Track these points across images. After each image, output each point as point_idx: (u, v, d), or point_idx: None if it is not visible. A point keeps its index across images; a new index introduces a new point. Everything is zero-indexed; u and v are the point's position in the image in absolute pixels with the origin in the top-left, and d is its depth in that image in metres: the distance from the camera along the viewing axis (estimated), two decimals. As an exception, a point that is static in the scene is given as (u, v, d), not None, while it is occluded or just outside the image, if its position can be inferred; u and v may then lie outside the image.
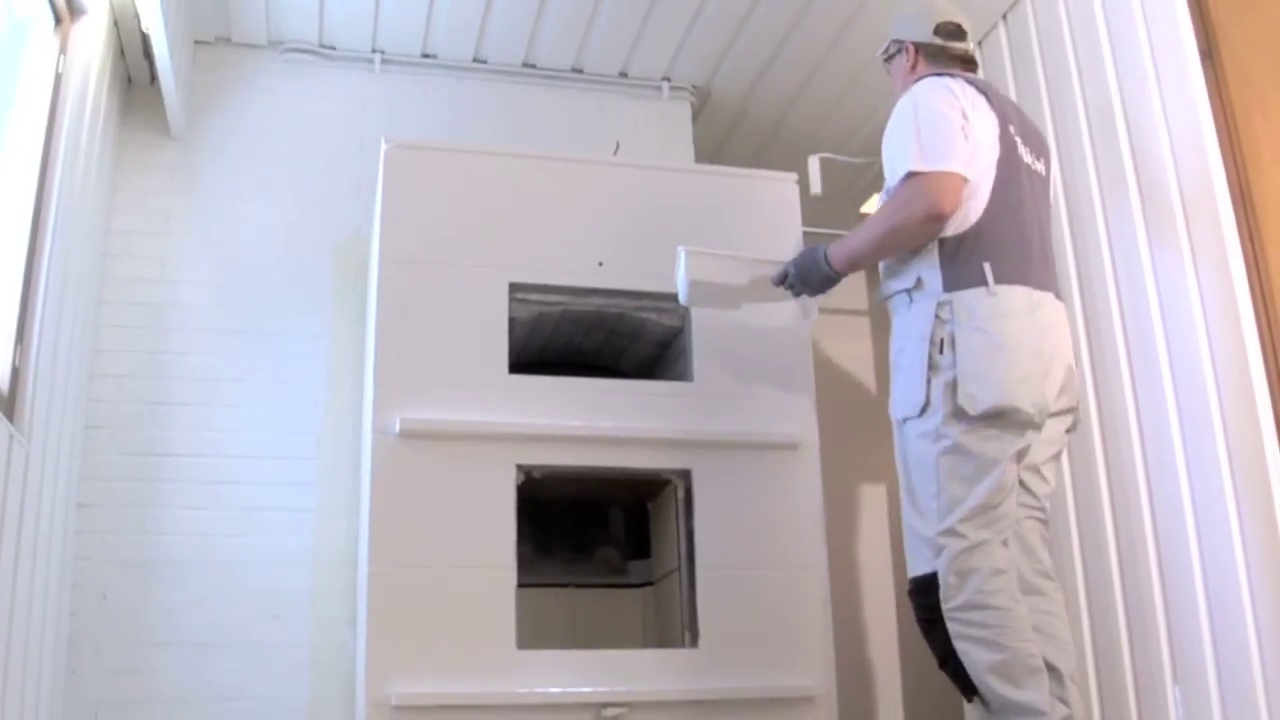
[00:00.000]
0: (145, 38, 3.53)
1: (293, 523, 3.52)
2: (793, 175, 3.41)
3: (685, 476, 3.05)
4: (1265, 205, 2.72)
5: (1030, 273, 2.42)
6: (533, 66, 4.24)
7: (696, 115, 4.43)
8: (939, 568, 2.31)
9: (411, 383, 2.91)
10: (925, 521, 2.37)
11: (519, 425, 2.92)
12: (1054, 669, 2.35)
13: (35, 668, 2.88)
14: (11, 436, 2.65)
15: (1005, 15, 3.76)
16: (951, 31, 2.68)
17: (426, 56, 4.16)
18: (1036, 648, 2.29)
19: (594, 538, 3.59)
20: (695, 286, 2.79)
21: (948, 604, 2.29)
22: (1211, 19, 2.90)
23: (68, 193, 3.10)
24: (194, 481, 3.50)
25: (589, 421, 2.98)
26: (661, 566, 3.33)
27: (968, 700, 2.35)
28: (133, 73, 3.85)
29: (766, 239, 3.16)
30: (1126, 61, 3.15)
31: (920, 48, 2.69)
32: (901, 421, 2.45)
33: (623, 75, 4.31)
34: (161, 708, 3.27)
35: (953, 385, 2.32)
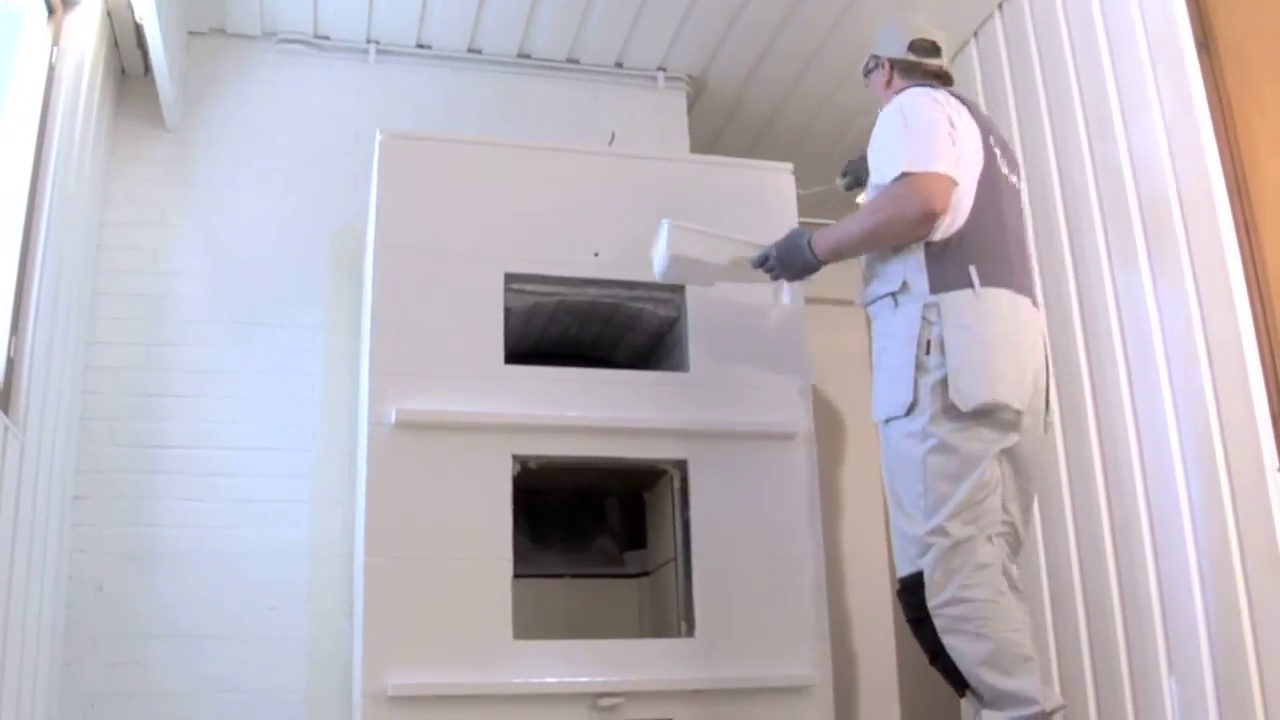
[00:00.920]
0: (139, 28, 3.52)
1: (289, 514, 3.52)
2: (788, 165, 3.41)
3: (681, 467, 3.05)
4: (1261, 197, 2.72)
5: (1011, 277, 2.48)
6: (528, 57, 4.23)
7: (692, 106, 4.42)
8: (925, 566, 2.35)
9: (407, 374, 2.91)
10: (912, 521, 2.40)
11: (515, 416, 2.92)
12: None
13: (31, 660, 2.88)
14: (6, 429, 2.65)
15: (1000, 5, 3.75)
16: (926, 48, 2.76)
17: (421, 47, 4.15)
18: (1025, 637, 2.32)
19: (590, 528, 3.59)
20: (676, 261, 2.78)
21: (932, 601, 2.34)
22: (1208, 10, 2.90)
23: (62, 185, 3.09)
24: (190, 473, 3.50)
25: (585, 412, 2.98)
26: (658, 557, 3.34)
27: (960, 695, 2.38)
28: (126, 64, 3.83)
29: (762, 229, 3.15)
30: (1122, 52, 3.15)
31: (896, 64, 2.77)
32: (885, 423, 2.48)
33: (618, 66, 4.30)
34: (158, 699, 3.28)
35: (942, 384, 2.36)
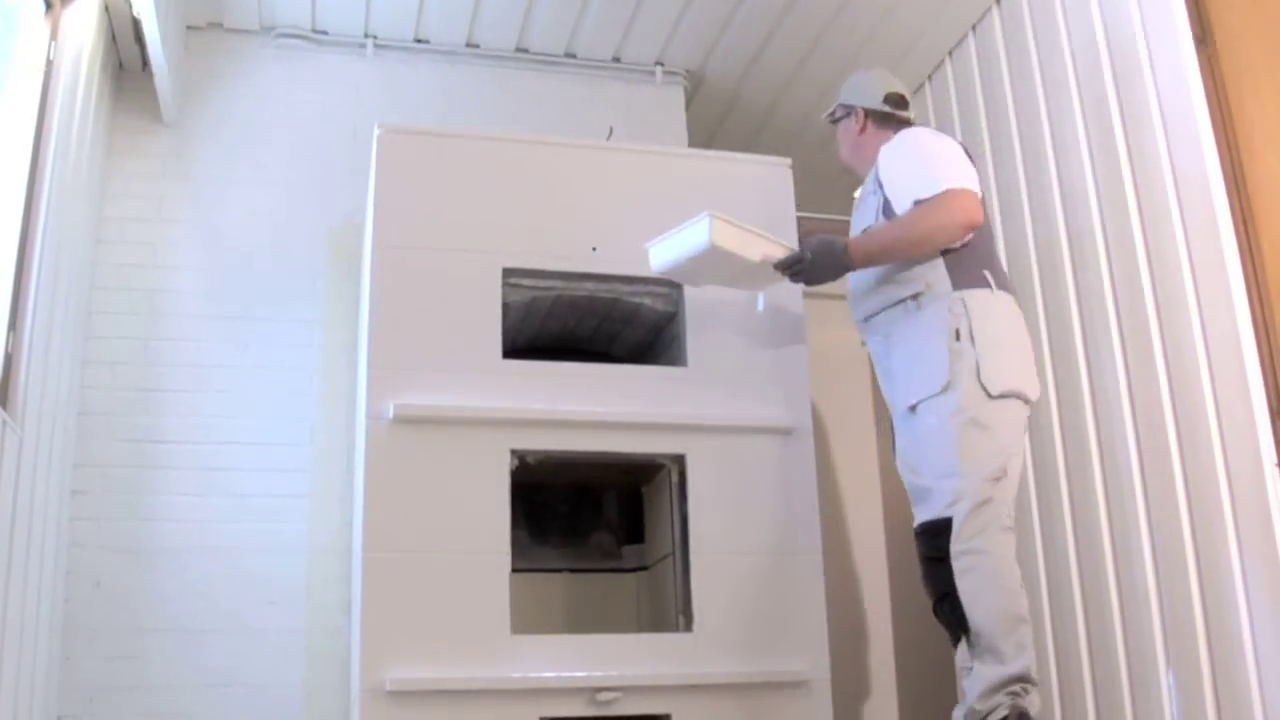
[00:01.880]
0: (137, 23, 3.52)
1: (287, 509, 3.52)
2: (786, 160, 3.40)
3: (679, 461, 3.05)
4: (1258, 190, 2.73)
5: (1008, 283, 2.72)
6: (526, 51, 4.23)
7: (690, 100, 4.42)
8: (955, 514, 2.45)
9: (405, 368, 2.91)
10: (942, 478, 2.49)
11: (513, 410, 2.92)
12: None
13: (30, 654, 2.88)
14: (4, 424, 2.65)
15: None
16: (897, 100, 2.93)
17: (419, 41, 4.15)
18: (1025, 601, 2.45)
19: (588, 523, 3.59)
20: (712, 252, 2.70)
21: (957, 545, 2.44)
22: (1206, 5, 2.90)
23: (59, 179, 3.09)
24: (187, 468, 3.50)
25: (583, 406, 2.98)
26: (656, 551, 3.34)
27: (954, 641, 2.49)
28: (124, 58, 3.83)
29: (761, 223, 3.15)
30: (1121, 47, 3.15)
31: (870, 114, 2.92)
32: (914, 406, 2.59)
33: (616, 60, 4.30)
34: (156, 694, 3.28)
35: (973, 368, 2.52)
